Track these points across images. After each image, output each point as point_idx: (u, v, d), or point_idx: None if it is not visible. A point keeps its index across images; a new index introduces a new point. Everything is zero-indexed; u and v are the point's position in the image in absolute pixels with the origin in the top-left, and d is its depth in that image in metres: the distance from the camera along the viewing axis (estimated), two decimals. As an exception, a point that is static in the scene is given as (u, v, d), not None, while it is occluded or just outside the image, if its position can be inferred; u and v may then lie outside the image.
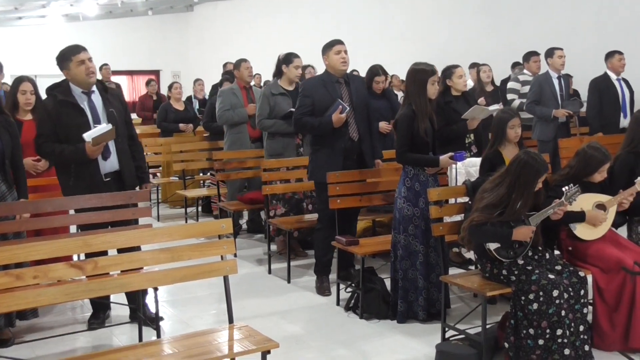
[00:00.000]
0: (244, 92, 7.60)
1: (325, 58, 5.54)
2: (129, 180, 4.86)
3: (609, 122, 7.67)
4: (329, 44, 5.51)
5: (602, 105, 7.70)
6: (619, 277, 4.23)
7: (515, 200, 4.08)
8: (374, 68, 6.98)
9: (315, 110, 5.43)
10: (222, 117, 7.54)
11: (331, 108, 5.35)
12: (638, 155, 4.80)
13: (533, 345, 3.91)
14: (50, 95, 4.71)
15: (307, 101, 5.47)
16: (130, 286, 3.72)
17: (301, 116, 5.48)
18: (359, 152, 5.57)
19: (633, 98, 7.88)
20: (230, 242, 3.85)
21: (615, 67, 7.78)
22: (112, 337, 4.79)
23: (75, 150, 4.57)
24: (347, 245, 5.20)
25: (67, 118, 4.63)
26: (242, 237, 7.76)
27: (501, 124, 4.90)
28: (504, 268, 4.13)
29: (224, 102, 7.51)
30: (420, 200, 4.84)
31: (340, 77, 5.53)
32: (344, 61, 5.47)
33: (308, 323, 5.03)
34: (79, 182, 4.68)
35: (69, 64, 4.63)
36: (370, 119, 5.69)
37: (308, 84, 5.66)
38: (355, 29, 14.68)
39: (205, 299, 5.60)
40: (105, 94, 4.81)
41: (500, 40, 11.84)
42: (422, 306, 4.85)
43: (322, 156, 5.51)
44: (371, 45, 14.00)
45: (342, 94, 5.47)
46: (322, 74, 5.71)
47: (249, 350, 3.35)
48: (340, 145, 5.44)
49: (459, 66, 6.08)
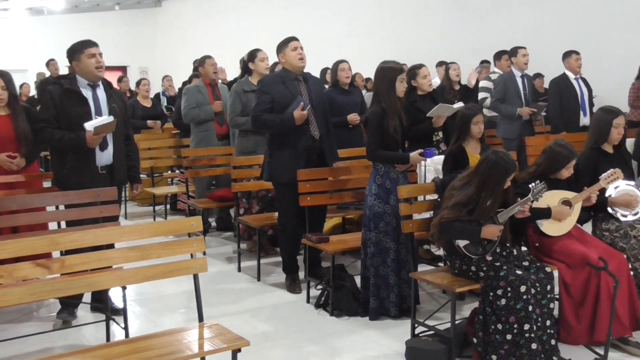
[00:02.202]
0: (209, 89, 7.54)
1: (281, 56, 5.47)
2: (119, 175, 4.98)
3: (570, 121, 7.84)
4: (284, 41, 5.47)
5: (563, 104, 7.87)
6: (584, 273, 4.31)
7: (484, 199, 4.13)
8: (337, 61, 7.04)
9: (275, 107, 5.34)
10: (188, 115, 7.48)
11: (292, 105, 5.28)
12: (601, 152, 4.89)
13: (501, 340, 3.96)
14: (56, 83, 4.84)
15: (266, 98, 5.37)
16: (98, 285, 3.67)
17: (260, 113, 5.37)
18: (319, 152, 5.53)
19: (591, 97, 8.08)
20: (200, 240, 3.82)
21: (572, 67, 7.95)
22: (79, 337, 4.72)
23: (76, 138, 4.68)
24: (317, 242, 5.21)
25: (70, 106, 4.75)
26: (212, 235, 7.72)
27: (465, 120, 4.95)
28: (472, 264, 4.17)
29: (189, 99, 7.45)
30: (391, 198, 4.86)
31: (299, 75, 5.49)
32: (302, 57, 5.42)
33: (278, 321, 5.03)
34: (73, 171, 4.78)
35: (80, 55, 4.78)
36: (328, 118, 5.66)
37: (266, 81, 5.55)
38: (323, 27, 14.69)
39: (174, 298, 5.56)
40: (110, 90, 4.97)
41: (466, 39, 11.96)
42: (394, 302, 4.88)
43: (282, 156, 5.41)
44: (339, 43, 14.01)
45: (301, 91, 5.42)
46: (280, 71, 5.65)
47: (220, 348, 3.33)
48: (302, 144, 5.38)
49: (424, 66, 6.10)
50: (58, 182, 4.91)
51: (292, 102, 5.30)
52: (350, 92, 7.06)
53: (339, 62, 6.96)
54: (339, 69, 6.91)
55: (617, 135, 4.87)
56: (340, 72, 6.89)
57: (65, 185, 4.81)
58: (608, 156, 4.87)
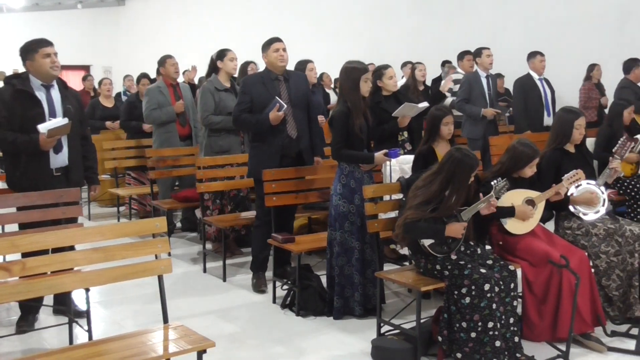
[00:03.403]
0: (170, 89, 7.45)
1: (264, 56, 5.55)
2: (76, 177, 4.86)
3: (534, 121, 7.97)
4: (268, 41, 5.53)
5: (527, 104, 7.99)
6: (546, 270, 4.38)
7: (449, 196, 4.17)
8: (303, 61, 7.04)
9: (254, 107, 5.44)
10: (150, 117, 7.40)
11: (269, 106, 5.35)
12: (563, 152, 4.97)
13: (466, 338, 4.00)
14: (8, 84, 4.68)
15: (245, 98, 5.48)
16: (61, 287, 3.60)
17: (240, 113, 5.49)
18: (298, 151, 5.58)
19: (554, 97, 8.23)
20: (165, 241, 3.78)
21: (536, 68, 8.08)
22: (41, 340, 4.64)
23: (29, 140, 4.54)
24: (283, 242, 5.20)
25: (22, 107, 4.60)
26: (176, 235, 7.66)
27: (435, 121, 5.00)
28: (437, 263, 4.20)
29: (150, 101, 7.36)
30: (355, 197, 4.88)
31: (279, 74, 5.53)
32: (282, 58, 5.49)
33: (244, 321, 5.01)
34: (26, 175, 4.66)
35: (35, 55, 4.64)
36: (310, 116, 5.70)
37: (247, 81, 5.66)
38: (288, 26, 14.67)
39: (138, 299, 5.50)
40: (65, 91, 4.83)
41: (431, 40, 12.06)
42: (359, 302, 4.89)
43: (260, 153, 5.52)
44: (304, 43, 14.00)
45: (280, 92, 5.48)
46: (262, 71, 5.73)
47: (185, 350, 3.30)
48: (277, 143, 5.45)
49: (390, 66, 6.13)
50: (12, 183, 4.76)
51: (270, 103, 5.37)
52: (315, 92, 7.10)
53: (306, 62, 6.97)
54: (307, 68, 6.92)
55: (578, 135, 4.97)
56: (309, 72, 6.91)
57: (19, 187, 4.68)
58: (570, 156, 4.96)
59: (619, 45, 9.51)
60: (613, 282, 4.65)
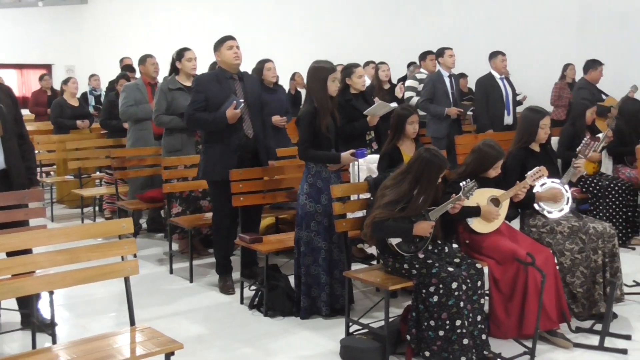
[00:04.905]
0: (148, 88, 7.39)
1: (217, 54, 5.48)
2: (17, 179, 4.60)
3: (495, 119, 8.09)
4: (221, 40, 5.47)
5: (489, 103, 8.10)
6: (512, 268, 4.43)
7: (417, 196, 4.19)
8: (262, 60, 7.03)
9: (209, 106, 5.35)
10: (126, 113, 7.33)
11: (225, 103, 5.29)
12: (528, 151, 5.04)
13: (434, 337, 4.02)
14: None
15: (200, 97, 5.38)
16: (23, 290, 3.52)
17: (194, 112, 5.38)
18: (253, 151, 5.52)
19: (515, 96, 8.35)
20: (132, 242, 3.73)
21: (498, 67, 8.20)
22: (2, 345, 4.54)
23: None
24: (250, 243, 5.17)
25: None
26: (142, 236, 7.57)
27: (400, 121, 5.03)
28: (405, 262, 4.22)
29: (127, 97, 7.29)
30: (322, 197, 4.87)
31: (234, 73, 5.48)
32: (237, 56, 5.43)
33: (212, 322, 4.97)
34: None
35: None
36: (264, 117, 5.66)
37: (201, 79, 5.55)
38: (254, 25, 14.64)
39: (104, 301, 5.42)
40: None
41: (396, 39, 12.13)
42: (325, 302, 4.89)
43: (215, 153, 5.41)
44: (270, 42, 13.98)
45: (236, 90, 5.43)
46: (216, 70, 5.66)
47: (152, 352, 3.26)
48: (235, 142, 5.38)
49: (359, 65, 6.18)
50: None
51: (226, 101, 5.29)
52: (276, 91, 7.09)
53: (264, 62, 6.96)
54: (265, 68, 6.91)
55: (544, 135, 5.03)
56: (266, 72, 6.90)
57: None
58: (535, 155, 5.03)
59: (580, 45, 9.69)
60: (577, 279, 4.73)
